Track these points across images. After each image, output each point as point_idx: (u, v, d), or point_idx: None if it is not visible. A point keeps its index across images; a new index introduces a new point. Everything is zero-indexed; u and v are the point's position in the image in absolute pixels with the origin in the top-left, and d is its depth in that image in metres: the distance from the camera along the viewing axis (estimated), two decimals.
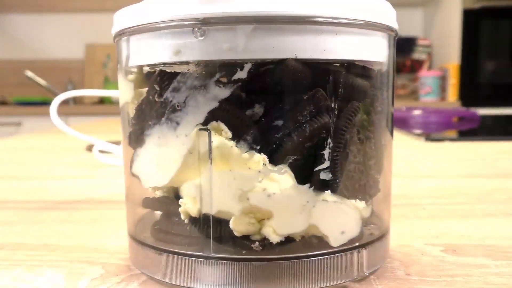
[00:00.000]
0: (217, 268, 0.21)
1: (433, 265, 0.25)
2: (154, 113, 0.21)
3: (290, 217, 0.21)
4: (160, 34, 0.21)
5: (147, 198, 0.24)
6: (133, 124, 0.23)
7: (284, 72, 0.19)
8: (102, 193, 0.44)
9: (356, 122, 0.21)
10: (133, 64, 0.22)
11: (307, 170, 0.21)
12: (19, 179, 0.52)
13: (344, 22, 0.20)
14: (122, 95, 0.24)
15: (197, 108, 0.20)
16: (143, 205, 0.24)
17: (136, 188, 0.24)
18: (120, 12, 0.23)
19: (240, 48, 0.19)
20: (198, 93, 0.20)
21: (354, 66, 0.21)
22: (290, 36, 0.19)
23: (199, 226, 0.21)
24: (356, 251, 0.22)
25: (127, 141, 0.24)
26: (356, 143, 0.22)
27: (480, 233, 0.30)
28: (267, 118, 0.20)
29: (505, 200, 0.39)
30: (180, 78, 0.20)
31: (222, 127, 0.20)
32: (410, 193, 0.42)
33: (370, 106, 0.22)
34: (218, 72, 0.20)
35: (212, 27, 0.19)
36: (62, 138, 0.89)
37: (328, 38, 0.20)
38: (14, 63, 2.50)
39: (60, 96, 0.49)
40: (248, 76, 0.20)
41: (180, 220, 0.22)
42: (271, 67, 0.20)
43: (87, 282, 0.23)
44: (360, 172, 0.22)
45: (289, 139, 0.20)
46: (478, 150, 0.70)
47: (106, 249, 0.28)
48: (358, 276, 0.22)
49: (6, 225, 0.34)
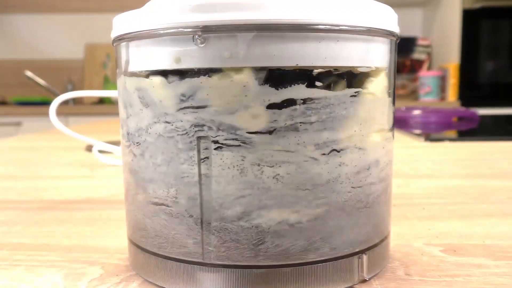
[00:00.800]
0: (217, 275, 0.21)
1: (433, 265, 0.25)
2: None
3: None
4: (160, 41, 0.20)
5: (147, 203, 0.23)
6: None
7: None
8: (102, 193, 0.44)
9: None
10: (132, 69, 0.22)
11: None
12: (19, 179, 0.52)
13: (345, 29, 0.20)
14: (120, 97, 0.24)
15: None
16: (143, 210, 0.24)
17: (136, 190, 0.24)
18: (119, 17, 0.23)
19: (240, 55, 0.19)
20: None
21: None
22: (291, 44, 0.19)
23: (199, 232, 0.21)
24: (356, 257, 0.22)
25: (125, 141, 0.24)
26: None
27: (480, 233, 0.30)
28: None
29: (505, 200, 0.39)
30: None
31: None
32: (410, 193, 0.42)
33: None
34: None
35: (212, 35, 0.19)
36: (62, 138, 0.89)
37: (330, 45, 0.20)
38: (14, 63, 2.50)
39: (59, 98, 0.49)
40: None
41: (180, 225, 0.22)
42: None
43: (86, 282, 0.23)
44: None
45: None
46: (477, 150, 0.70)
47: (106, 249, 0.28)
48: (358, 281, 0.22)
49: (6, 225, 0.34)
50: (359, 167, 0.22)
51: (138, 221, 0.23)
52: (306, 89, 0.20)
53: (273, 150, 0.20)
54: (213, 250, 0.21)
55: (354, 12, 0.20)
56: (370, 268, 0.23)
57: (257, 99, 0.20)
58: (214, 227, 0.21)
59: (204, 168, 0.20)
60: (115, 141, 0.64)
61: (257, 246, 0.21)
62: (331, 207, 0.21)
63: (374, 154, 0.22)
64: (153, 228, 0.22)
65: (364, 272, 0.22)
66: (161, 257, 0.22)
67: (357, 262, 0.22)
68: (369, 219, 0.23)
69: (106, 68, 2.49)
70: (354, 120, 0.21)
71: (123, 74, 0.23)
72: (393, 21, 0.23)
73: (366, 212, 0.22)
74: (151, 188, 0.22)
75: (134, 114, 0.22)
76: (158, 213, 0.22)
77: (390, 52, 0.23)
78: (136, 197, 0.23)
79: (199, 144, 0.20)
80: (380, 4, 0.22)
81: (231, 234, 0.21)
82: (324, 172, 0.21)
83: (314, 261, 0.21)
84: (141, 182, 0.23)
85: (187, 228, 0.21)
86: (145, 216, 0.23)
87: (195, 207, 0.21)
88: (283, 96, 0.20)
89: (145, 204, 0.23)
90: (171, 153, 0.21)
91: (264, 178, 0.20)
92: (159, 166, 0.22)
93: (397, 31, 0.23)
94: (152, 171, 0.22)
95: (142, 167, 0.22)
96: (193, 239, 0.21)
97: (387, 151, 0.24)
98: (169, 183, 0.21)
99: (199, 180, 0.21)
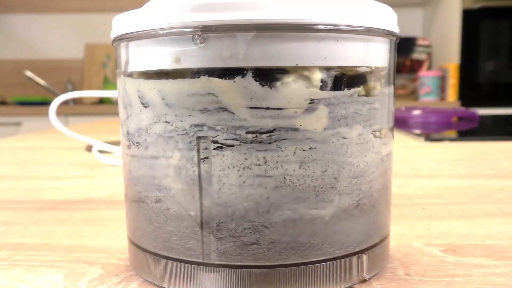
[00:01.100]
0: (217, 275, 0.21)
1: (432, 265, 0.25)
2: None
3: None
4: (159, 41, 0.20)
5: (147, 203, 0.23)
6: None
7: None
8: (101, 193, 0.44)
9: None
10: (132, 69, 0.22)
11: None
12: (19, 179, 0.52)
13: (345, 29, 0.20)
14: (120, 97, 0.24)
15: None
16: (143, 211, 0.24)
17: (135, 190, 0.24)
18: (119, 17, 0.23)
19: (240, 55, 0.19)
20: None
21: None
22: (291, 44, 0.19)
23: (199, 232, 0.21)
24: (356, 257, 0.22)
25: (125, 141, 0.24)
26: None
27: (480, 233, 0.30)
28: None
29: (505, 200, 0.39)
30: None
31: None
32: (410, 193, 0.42)
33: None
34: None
35: (212, 35, 0.19)
36: (62, 138, 0.89)
37: (329, 45, 0.20)
38: (14, 63, 2.50)
39: (59, 98, 0.49)
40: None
41: (180, 225, 0.22)
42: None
43: (86, 282, 0.23)
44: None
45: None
46: (477, 150, 0.70)
47: (106, 249, 0.28)
48: (358, 281, 0.22)
49: (6, 225, 0.34)
50: (360, 167, 0.22)
51: (138, 221, 0.23)
52: (306, 89, 0.20)
53: (273, 150, 0.20)
54: (213, 250, 0.21)
55: (354, 12, 0.20)
56: (370, 268, 0.23)
57: (256, 99, 0.20)
58: (214, 227, 0.21)
59: (204, 168, 0.20)
60: (115, 141, 0.64)
61: (257, 246, 0.21)
62: (332, 207, 0.21)
63: (373, 154, 0.22)
64: (153, 228, 0.22)
65: (364, 272, 0.22)
66: (161, 257, 0.22)
67: (357, 262, 0.22)
68: (369, 219, 0.23)
69: (106, 68, 2.49)
70: (354, 120, 0.21)
71: (122, 74, 0.23)
72: (392, 21, 0.23)
73: (366, 212, 0.22)
74: (152, 188, 0.22)
75: (134, 114, 0.22)
76: (158, 213, 0.22)
77: (390, 52, 0.23)
78: (136, 197, 0.23)
79: (199, 144, 0.20)
80: (380, 4, 0.22)
81: (231, 234, 0.21)
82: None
83: (314, 261, 0.21)
84: (141, 182, 0.23)
85: (187, 228, 0.21)
86: (145, 216, 0.23)
87: (195, 207, 0.21)
88: (282, 96, 0.20)
89: (145, 204, 0.23)
90: (171, 153, 0.21)
91: (264, 178, 0.20)
92: (159, 166, 0.22)
93: (397, 31, 0.23)
94: (152, 171, 0.22)
95: (142, 167, 0.22)
96: (193, 239, 0.21)
97: (387, 151, 0.24)
98: (169, 183, 0.21)
99: (199, 180, 0.21)
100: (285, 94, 0.20)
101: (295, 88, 0.20)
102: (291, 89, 0.20)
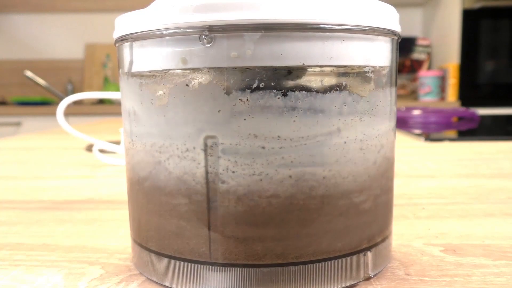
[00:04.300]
0: (224, 274, 0.21)
1: (432, 265, 0.25)
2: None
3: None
4: (166, 41, 0.20)
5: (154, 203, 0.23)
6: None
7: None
8: (102, 193, 0.44)
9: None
10: (137, 70, 0.22)
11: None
12: (18, 179, 0.52)
13: (350, 28, 0.20)
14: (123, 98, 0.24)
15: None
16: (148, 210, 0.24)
17: (140, 190, 0.24)
18: (123, 17, 0.23)
19: (248, 55, 0.19)
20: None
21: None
22: (298, 43, 0.19)
23: (206, 231, 0.21)
24: (361, 254, 0.22)
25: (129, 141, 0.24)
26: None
27: (480, 233, 0.30)
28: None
29: (505, 200, 0.39)
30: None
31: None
32: (410, 193, 0.42)
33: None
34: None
35: (219, 34, 0.19)
36: (62, 138, 0.89)
37: (335, 45, 0.20)
38: (13, 63, 2.50)
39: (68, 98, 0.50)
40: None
41: (186, 224, 0.21)
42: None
43: (86, 282, 0.23)
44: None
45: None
46: (477, 150, 0.70)
47: (106, 249, 0.28)
48: (363, 278, 0.23)
49: (6, 225, 0.34)
50: (363, 166, 0.22)
51: (143, 221, 0.23)
52: (312, 88, 0.20)
53: (280, 151, 0.20)
54: (220, 249, 0.21)
55: (358, 11, 0.20)
56: (375, 265, 0.23)
57: (262, 99, 0.20)
58: (221, 226, 0.21)
59: (210, 168, 0.20)
60: (115, 141, 0.64)
61: (264, 244, 0.21)
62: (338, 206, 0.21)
63: (376, 153, 0.22)
64: (158, 228, 0.22)
65: (369, 269, 0.23)
66: (167, 257, 0.22)
67: (362, 259, 0.22)
68: (374, 217, 0.23)
69: (106, 68, 2.49)
70: (357, 119, 0.21)
71: (126, 75, 0.23)
72: (395, 20, 0.23)
73: (371, 210, 0.23)
74: (156, 187, 0.22)
75: (139, 114, 0.22)
76: (163, 213, 0.22)
77: (392, 51, 0.23)
78: (140, 196, 0.23)
79: (206, 143, 0.20)
80: (382, 3, 0.22)
81: (238, 233, 0.21)
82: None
83: (321, 259, 0.21)
84: (146, 182, 0.23)
85: (194, 228, 0.21)
86: (150, 216, 0.23)
87: (201, 206, 0.21)
88: (288, 97, 0.20)
89: (150, 204, 0.23)
90: (179, 152, 0.21)
91: (271, 178, 0.20)
92: (165, 166, 0.22)
93: (399, 30, 0.23)
94: (157, 170, 0.22)
95: (147, 166, 0.22)
96: (200, 238, 0.21)
97: (389, 149, 0.24)
98: (174, 182, 0.21)
99: (206, 180, 0.21)
100: (290, 94, 0.20)
101: (300, 88, 0.20)
102: (296, 89, 0.20)
